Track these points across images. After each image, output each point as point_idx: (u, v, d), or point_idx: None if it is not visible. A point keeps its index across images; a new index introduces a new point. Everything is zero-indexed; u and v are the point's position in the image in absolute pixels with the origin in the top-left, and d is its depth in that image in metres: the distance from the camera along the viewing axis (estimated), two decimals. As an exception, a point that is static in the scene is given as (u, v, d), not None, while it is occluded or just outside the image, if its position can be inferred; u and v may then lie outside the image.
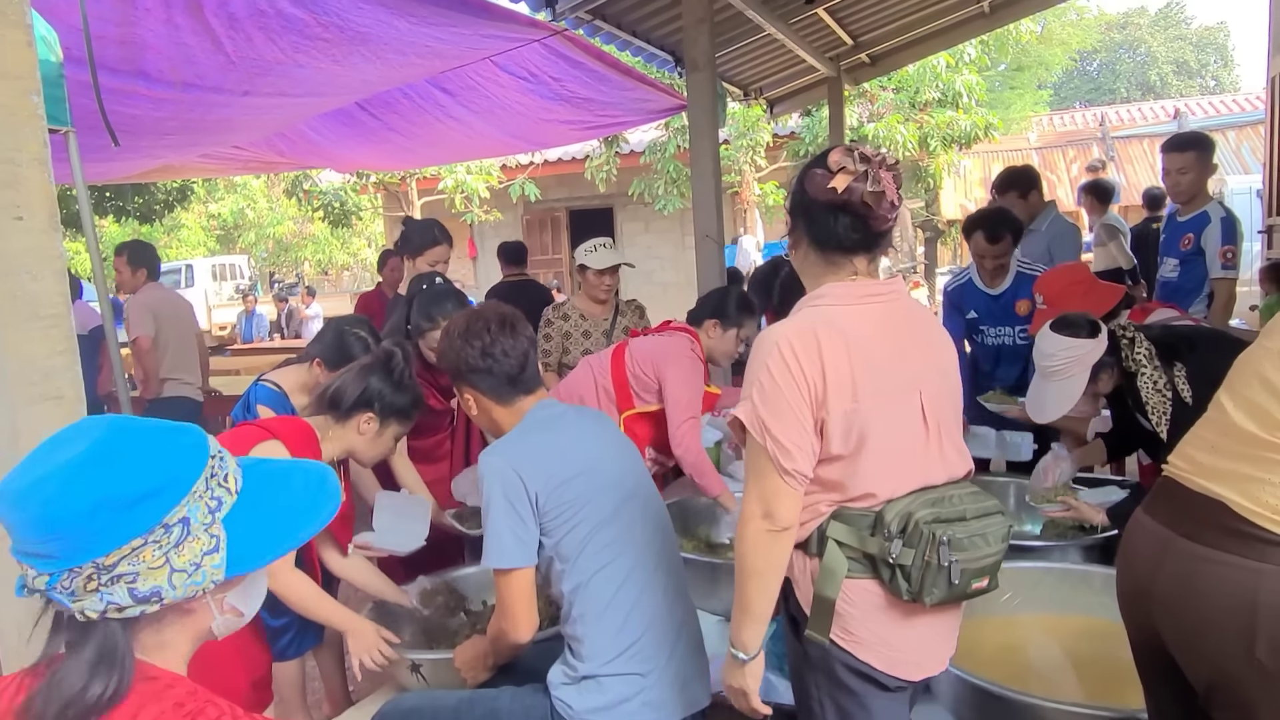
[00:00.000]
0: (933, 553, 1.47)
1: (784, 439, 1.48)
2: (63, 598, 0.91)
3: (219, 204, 22.41)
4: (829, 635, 1.54)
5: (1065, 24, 25.47)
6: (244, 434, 2.21)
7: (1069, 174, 16.93)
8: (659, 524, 1.94)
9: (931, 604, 1.50)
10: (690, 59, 4.28)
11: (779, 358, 1.49)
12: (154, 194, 11.96)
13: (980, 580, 1.55)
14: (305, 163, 7.09)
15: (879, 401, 1.51)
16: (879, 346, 1.53)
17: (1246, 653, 1.21)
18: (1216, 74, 36.80)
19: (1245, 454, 1.26)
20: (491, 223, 13.05)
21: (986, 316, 3.58)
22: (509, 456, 1.80)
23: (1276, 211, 5.57)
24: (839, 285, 1.58)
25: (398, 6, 3.19)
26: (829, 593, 1.52)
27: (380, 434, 2.33)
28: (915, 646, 1.58)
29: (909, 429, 1.55)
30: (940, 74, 11.33)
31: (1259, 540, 1.21)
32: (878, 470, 1.52)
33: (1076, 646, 2.22)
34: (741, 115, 10.86)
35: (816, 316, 1.55)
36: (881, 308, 1.58)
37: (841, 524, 1.53)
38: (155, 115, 3.61)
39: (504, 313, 1.95)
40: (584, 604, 1.79)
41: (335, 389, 2.30)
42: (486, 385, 1.90)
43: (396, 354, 2.37)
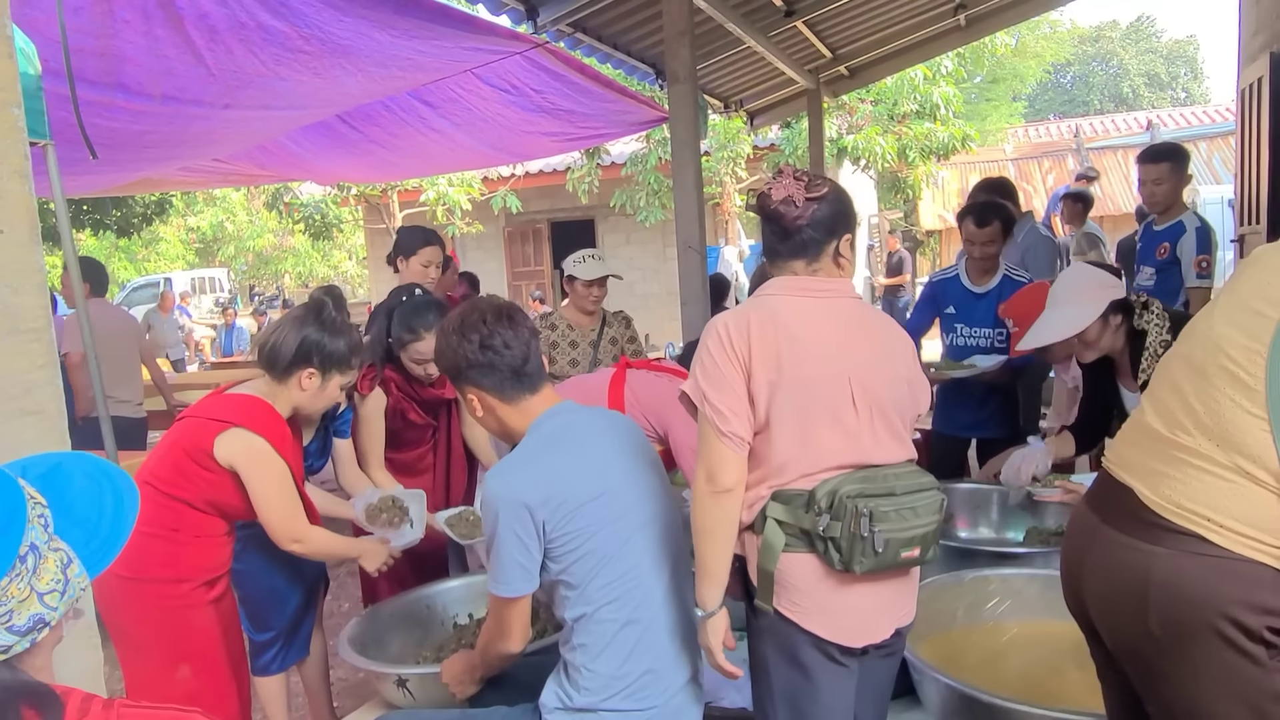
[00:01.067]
0: (856, 525, 1.61)
1: (720, 404, 1.66)
2: None
3: (198, 217, 22.27)
4: (773, 605, 1.68)
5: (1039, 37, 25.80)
6: (199, 427, 2.20)
7: (1045, 185, 17.14)
8: (675, 550, 1.86)
9: (861, 572, 1.63)
10: (671, 71, 4.30)
11: (716, 338, 1.70)
12: (132, 207, 11.87)
13: (910, 550, 1.67)
14: (286, 175, 7.06)
15: (804, 379, 1.66)
16: (809, 332, 1.70)
17: (1143, 626, 1.34)
18: (1187, 86, 37.40)
19: (1153, 449, 1.39)
20: (473, 235, 13.03)
21: (965, 314, 3.54)
22: (516, 484, 1.71)
23: (1248, 221, 5.66)
24: (783, 280, 1.78)
25: (379, 19, 3.19)
26: (769, 566, 1.68)
27: (323, 387, 2.30)
28: (856, 613, 1.70)
29: (836, 409, 1.68)
30: (918, 86, 11.45)
31: (1155, 526, 1.34)
32: (801, 444, 1.66)
33: (1062, 652, 2.23)
34: (722, 127, 10.92)
35: (756, 304, 1.77)
36: (821, 302, 1.74)
37: (779, 503, 1.68)
38: (134, 128, 3.59)
39: (500, 305, 1.86)
40: (587, 634, 1.73)
41: (271, 346, 2.25)
42: (489, 382, 1.80)
43: (327, 303, 2.34)
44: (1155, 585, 1.32)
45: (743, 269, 10.99)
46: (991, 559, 2.59)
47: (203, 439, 2.17)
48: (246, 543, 2.50)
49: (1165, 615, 1.31)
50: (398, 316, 2.85)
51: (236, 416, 2.20)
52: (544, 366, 1.89)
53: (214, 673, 2.23)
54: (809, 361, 1.67)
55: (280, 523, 2.25)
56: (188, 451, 2.18)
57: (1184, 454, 1.34)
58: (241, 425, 2.18)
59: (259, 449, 2.19)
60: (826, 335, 1.70)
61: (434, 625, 2.53)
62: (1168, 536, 1.32)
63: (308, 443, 2.67)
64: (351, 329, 2.37)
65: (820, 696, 1.70)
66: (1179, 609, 1.30)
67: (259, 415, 2.23)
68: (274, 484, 2.22)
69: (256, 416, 2.22)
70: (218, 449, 2.16)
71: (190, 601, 2.21)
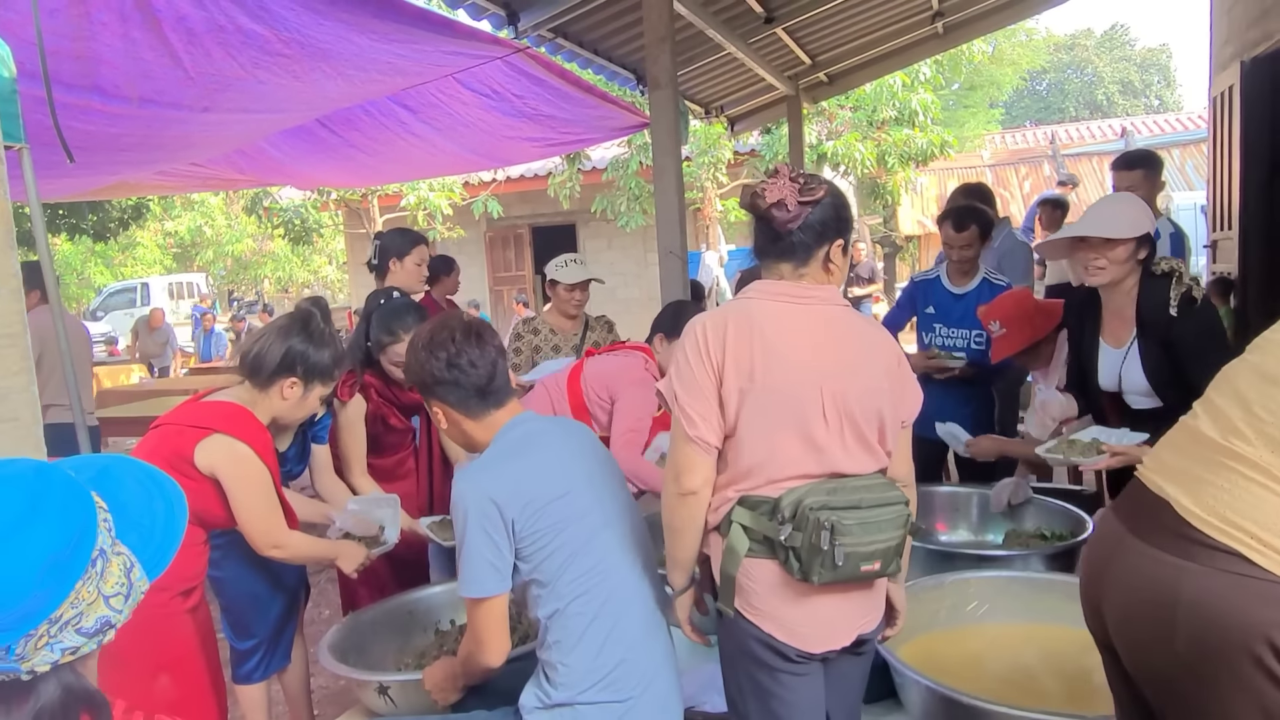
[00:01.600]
0: (817, 537, 1.61)
1: (690, 409, 1.69)
2: (11, 666, 0.88)
3: (175, 221, 22.07)
4: (734, 607, 1.71)
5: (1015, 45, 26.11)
6: (178, 435, 2.18)
7: (1021, 191, 17.31)
8: (639, 547, 1.90)
9: (820, 583, 1.63)
10: (652, 77, 4.31)
11: (693, 340, 1.73)
12: (109, 211, 11.73)
13: (870, 563, 1.66)
14: (265, 180, 7.00)
15: (774, 387, 1.67)
16: (784, 339, 1.70)
17: (1168, 646, 1.27)
18: (1160, 93, 37.92)
19: (1201, 456, 1.33)
20: (454, 240, 12.99)
21: (945, 315, 3.58)
22: (484, 483, 1.75)
23: (1220, 227, 5.74)
24: (765, 283, 1.79)
25: (359, 23, 3.17)
26: (730, 569, 1.71)
27: (304, 398, 2.31)
28: (812, 622, 1.71)
29: (805, 418, 1.68)
30: (896, 93, 11.55)
31: (1190, 541, 1.27)
32: (769, 452, 1.68)
33: (1041, 654, 2.25)
34: (703, 133, 10.96)
35: (736, 306, 1.78)
36: (801, 308, 1.74)
37: (744, 509, 1.70)
38: (111, 131, 3.54)
39: (469, 322, 1.90)
40: (560, 630, 1.76)
41: (255, 355, 2.26)
42: (455, 398, 1.84)
43: (314, 313, 2.34)
44: (1185, 604, 1.25)
45: (723, 274, 11.03)
46: (971, 562, 2.62)
47: (183, 446, 2.15)
48: (226, 550, 2.48)
49: (1194, 636, 1.24)
50: (376, 319, 2.84)
51: (218, 423, 2.18)
52: (510, 382, 1.93)
53: (194, 682, 2.21)
54: (781, 370, 1.67)
55: (261, 529, 2.23)
56: (167, 459, 2.14)
57: (1237, 463, 1.28)
58: (224, 431, 2.16)
59: (242, 455, 2.17)
60: (801, 342, 1.70)
61: (416, 632, 2.51)
62: (1203, 552, 1.26)
63: (285, 449, 2.65)
64: (336, 341, 2.36)
65: (786, 694, 1.73)
66: (1210, 631, 1.23)
67: (241, 421, 2.21)
68: (256, 490, 2.21)
69: (239, 423, 2.21)
70: (199, 456, 2.14)
71: (168, 611, 2.18)
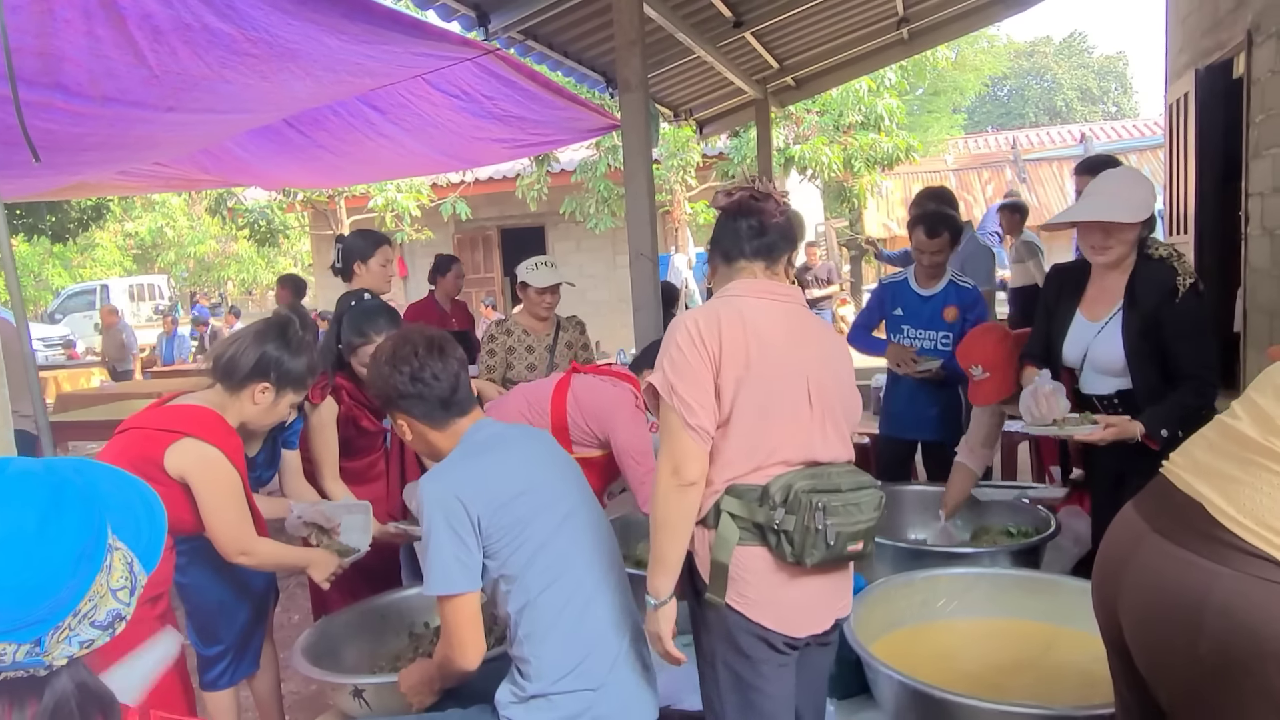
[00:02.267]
0: (811, 518, 1.68)
1: (689, 397, 1.72)
2: (36, 660, 0.89)
3: (136, 222, 21.67)
4: (725, 598, 1.73)
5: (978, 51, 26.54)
6: (147, 439, 2.14)
7: (984, 195, 17.58)
8: (602, 539, 1.95)
9: (812, 564, 1.71)
10: (623, 79, 4.32)
11: (685, 333, 1.76)
12: (68, 212, 11.51)
13: (855, 544, 1.74)
14: (230, 180, 6.90)
15: (767, 374, 1.74)
16: (773, 332, 1.78)
17: (1191, 650, 1.24)
18: (1117, 100, 38.71)
19: (1237, 456, 1.30)
20: (422, 241, 12.90)
21: (913, 316, 3.64)
22: (449, 481, 1.78)
23: (1177, 231, 5.88)
24: (745, 281, 1.85)
25: (328, 23, 3.15)
26: (723, 558, 1.73)
27: (275, 404, 2.29)
28: (801, 605, 1.78)
29: (794, 406, 1.77)
30: (862, 98, 11.66)
31: (1222, 544, 1.24)
32: (761, 437, 1.73)
33: (1009, 649, 2.30)
34: (672, 136, 10.99)
35: (723, 303, 1.82)
36: (782, 306, 1.83)
37: (733, 498, 1.74)
38: (74, 130, 3.48)
39: (431, 336, 1.93)
40: (531, 623, 1.78)
41: (229, 358, 2.24)
42: (419, 411, 1.88)
43: (293, 320, 2.33)
44: (1213, 608, 1.22)
45: (692, 276, 11.07)
46: (940, 559, 2.66)
47: (152, 450, 2.12)
48: (192, 556, 2.44)
49: (1220, 641, 1.21)
50: (348, 321, 2.82)
51: (189, 426, 2.15)
52: (472, 392, 1.96)
53: (163, 691, 2.17)
54: (773, 359, 1.75)
55: (230, 535, 2.20)
56: (134, 463, 2.11)
57: (1277, 464, 1.24)
58: (195, 435, 2.13)
59: (213, 459, 2.15)
60: (786, 335, 1.79)
61: (389, 635, 2.50)
62: (1236, 556, 1.22)
63: (255, 454, 2.62)
64: (313, 350, 2.35)
65: (766, 686, 1.77)
66: (1238, 636, 1.20)
67: (212, 425, 2.19)
68: (226, 495, 2.18)
69: (210, 427, 2.18)
70: (169, 460, 2.11)
71: (136, 618, 2.14)
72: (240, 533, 2.22)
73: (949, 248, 3.55)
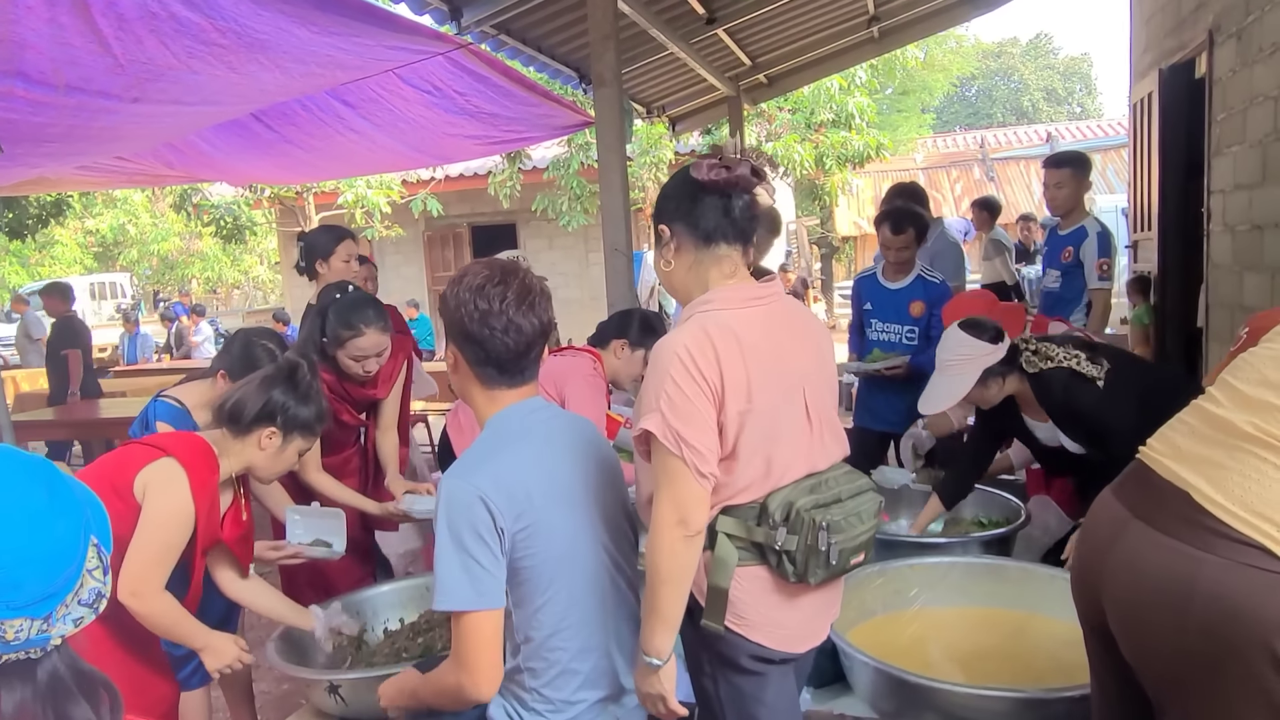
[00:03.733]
0: (814, 538, 1.57)
1: (699, 444, 1.53)
2: (43, 638, 0.91)
3: (97, 219, 21.25)
4: (724, 623, 1.61)
5: (946, 51, 26.79)
6: (133, 453, 2.09)
7: (953, 193, 17.79)
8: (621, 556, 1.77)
9: (816, 583, 1.61)
10: (597, 74, 4.32)
11: (680, 366, 1.55)
12: (25, 208, 11.25)
13: (857, 556, 1.66)
14: (196, 175, 6.79)
15: (769, 402, 1.59)
16: (766, 348, 1.62)
17: (1179, 635, 1.25)
18: (1082, 101, 39.32)
19: (1222, 442, 1.29)
20: (392, 239, 12.79)
21: (880, 310, 3.70)
22: (476, 481, 1.57)
23: (1140, 228, 5.99)
24: (724, 289, 1.65)
25: (298, 15, 3.10)
26: (721, 582, 1.60)
27: (283, 450, 2.21)
28: (800, 623, 1.68)
29: (795, 426, 1.64)
30: (834, 96, 11.76)
31: (1208, 530, 1.24)
32: (766, 468, 1.60)
33: (981, 635, 2.33)
34: (645, 133, 11.00)
35: (708, 321, 1.60)
36: (765, 309, 1.67)
37: (729, 518, 1.61)
38: (34, 120, 3.40)
39: (528, 285, 1.66)
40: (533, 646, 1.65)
41: (235, 402, 2.17)
42: (472, 355, 1.66)
43: (301, 365, 2.25)
44: (1201, 595, 1.22)
45: (665, 273, 11.08)
46: (912, 549, 2.69)
47: (131, 467, 2.03)
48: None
49: (1208, 628, 1.22)
50: (334, 312, 2.78)
51: (174, 447, 2.08)
52: (538, 366, 1.74)
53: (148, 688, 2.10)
54: (774, 383, 1.61)
55: (132, 567, 1.97)
56: (112, 482, 2.02)
57: (1267, 453, 1.24)
58: (175, 456, 2.05)
59: (175, 483, 2.03)
60: (778, 348, 1.64)
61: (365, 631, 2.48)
62: (1223, 544, 1.22)
63: None
64: (321, 396, 2.27)
65: (767, 698, 1.68)
66: (1226, 624, 1.20)
67: (195, 452, 2.10)
68: (159, 526, 2.01)
69: (192, 453, 2.09)
70: (139, 477, 2.02)
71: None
72: (147, 572, 1.99)
73: (915, 243, 3.61)
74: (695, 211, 1.66)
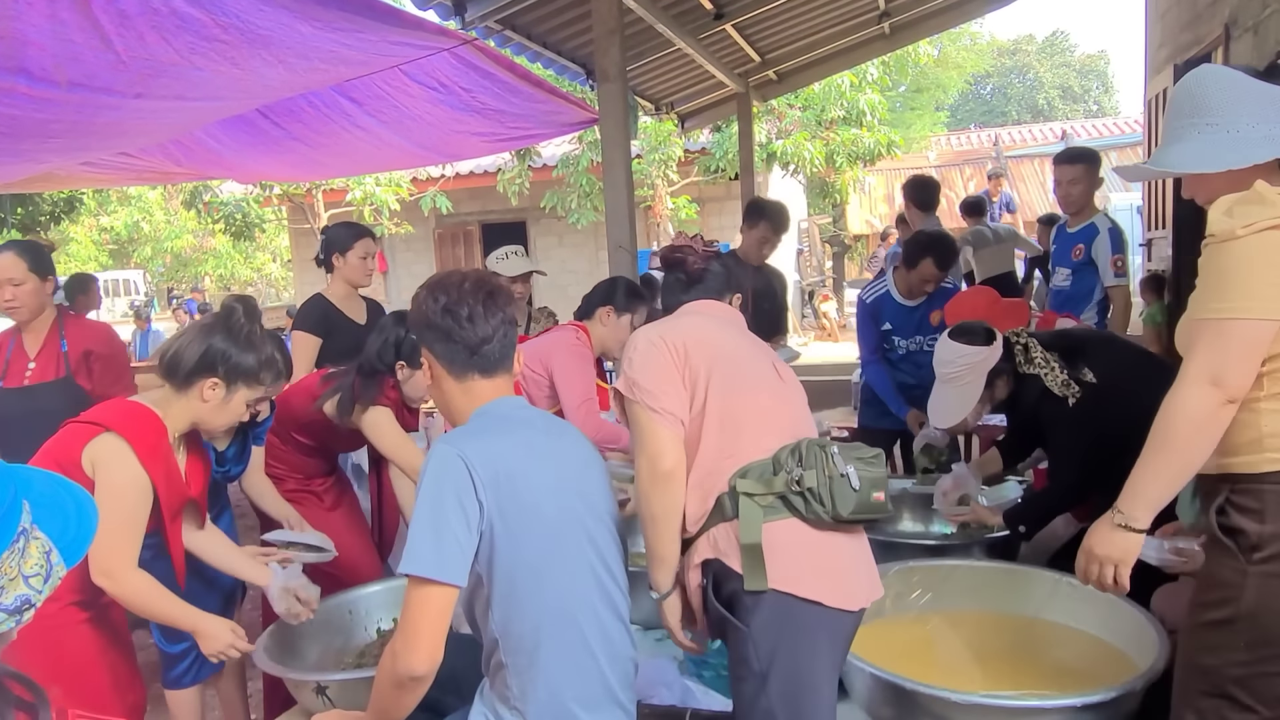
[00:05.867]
0: (831, 465, 1.65)
1: (651, 386, 1.72)
2: None
3: (111, 217, 21.41)
4: (767, 584, 1.62)
5: (960, 49, 26.69)
6: (72, 434, 2.02)
7: (966, 191, 17.66)
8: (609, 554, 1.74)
9: (847, 515, 1.64)
10: (601, 69, 4.29)
11: (645, 339, 1.81)
12: (38, 205, 11.32)
13: (878, 491, 1.67)
14: (204, 173, 6.81)
15: (735, 355, 1.81)
16: (729, 332, 1.89)
17: None
18: (1098, 99, 38.98)
19: None
20: (402, 236, 12.80)
21: (901, 328, 3.73)
22: (462, 447, 1.57)
23: (1155, 226, 5.91)
24: (692, 304, 1.99)
25: (301, 10, 3.09)
26: (752, 538, 1.64)
27: (227, 400, 2.11)
28: (842, 573, 1.70)
29: (767, 377, 1.82)
30: (845, 93, 11.68)
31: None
32: (753, 408, 1.75)
33: (985, 640, 2.29)
34: (653, 130, 10.96)
35: (671, 315, 1.99)
36: (728, 319, 1.97)
37: (746, 479, 1.68)
38: (38, 117, 3.40)
39: (485, 280, 1.75)
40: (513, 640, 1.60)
41: (173, 354, 2.08)
42: (441, 349, 1.70)
43: (237, 309, 2.16)
44: None
45: (675, 271, 11.03)
46: (915, 551, 2.65)
47: (74, 446, 1.98)
48: (157, 551, 2.38)
49: None
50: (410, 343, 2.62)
51: (112, 421, 2.01)
52: (511, 361, 1.76)
53: (92, 696, 2.06)
54: (735, 343, 1.85)
55: (100, 544, 1.83)
56: (59, 461, 1.97)
57: None
58: (116, 430, 1.99)
59: (120, 455, 1.97)
60: (739, 334, 1.92)
61: (356, 631, 2.46)
62: None
63: (225, 448, 2.57)
64: (265, 342, 2.17)
65: (823, 686, 1.67)
66: None
67: (138, 423, 2.02)
68: (117, 498, 1.95)
69: (135, 424, 2.02)
70: (85, 455, 1.96)
71: (58, 623, 2.03)
72: (112, 548, 1.94)
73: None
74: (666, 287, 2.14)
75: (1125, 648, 2.07)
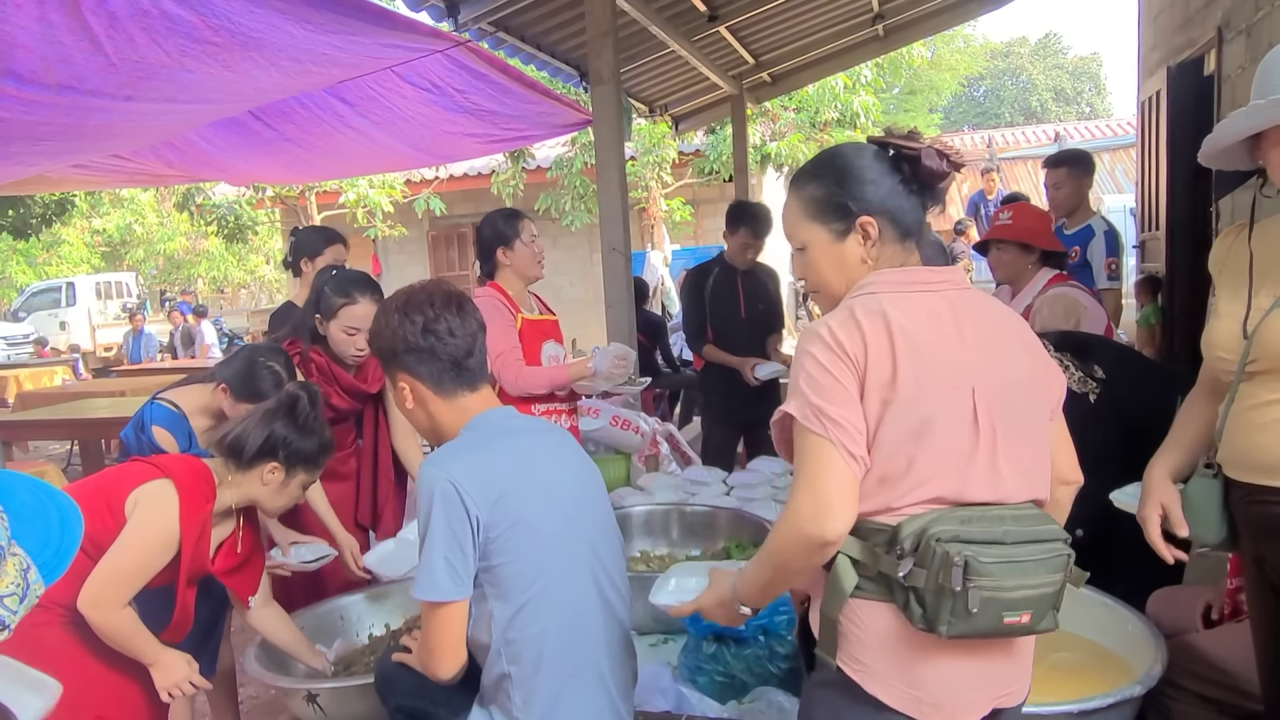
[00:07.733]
0: (946, 576, 1.26)
1: (844, 420, 1.31)
2: None
3: (104, 219, 21.32)
4: (836, 659, 1.36)
5: (954, 51, 26.76)
6: (132, 470, 2.05)
7: (960, 192, 17.68)
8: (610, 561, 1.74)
9: (950, 635, 1.27)
10: (595, 71, 4.28)
11: (822, 343, 1.36)
12: (30, 207, 11.28)
13: (1015, 614, 1.30)
14: (196, 175, 6.78)
15: (919, 391, 1.33)
16: (927, 334, 1.37)
17: None
18: (1091, 101, 39.10)
19: None
20: (396, 238, 12.78)
21: None
22: (448, 468, 1.57)
23: (1149, 228, 5.92)
24: (882, 273, 1.44)
25: (292, 12, 3.08)
26: (832, 611, 1.35)
27: (286, 484, 2.18)
28: (937, 686, 1.34)
29: (953, 434, 1.34)
30: (839, 95, 11.69)
31: None
32: (907, 466, 1.33)
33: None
34: (647, 132, 10.96)
35: (861, 303, 1.40)
36: (935, 296, 1.42)
37: (855, 538, 1.35)
38: (27, 119, 3.38)
39: (450, 290, 1.73)
40: (516, 649, 1.60)
41: (235, 436, 2.13)
42: (426, 370, 1.66)
43: (302, 397, 2.20)
44: None
45: (668, 273, 11.02)
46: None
47: (128, 482, 2.01)
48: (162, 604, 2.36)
49: None
50: (331, 284, 2.75)
51: (174, 470, 2.05)
52: (486, 367, 1.76)
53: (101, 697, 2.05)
54: (927, 369, 1.34)
55: (99, 579, 1.93)
56: (105, 491, 2.00)
57: None
58: (172, 480, 2.03)
59: (166, 504, 2.00)
60: (945, 337, 1.38)
61: (348, 637, 2.44)
62: None
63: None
64: (324, 428, 2.24)
65: None
66: None
67: (195, 480, 2.06)
68: (143, 541, 1.97)
69: (191, 480, 2.05)
70: (134, 493, 1.99)
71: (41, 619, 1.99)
72: (111, 585, 1.95)
73: None
74: (886, 199, 1.48)
75: (1122, 653, 2.06)
